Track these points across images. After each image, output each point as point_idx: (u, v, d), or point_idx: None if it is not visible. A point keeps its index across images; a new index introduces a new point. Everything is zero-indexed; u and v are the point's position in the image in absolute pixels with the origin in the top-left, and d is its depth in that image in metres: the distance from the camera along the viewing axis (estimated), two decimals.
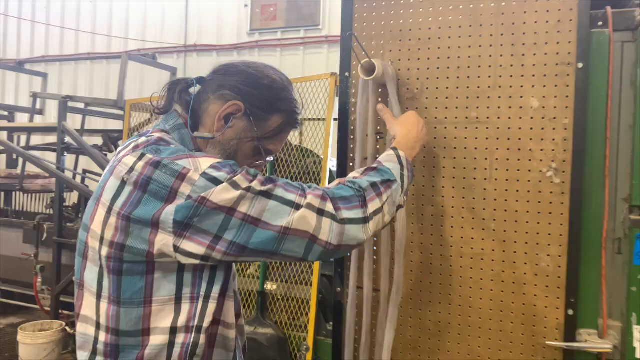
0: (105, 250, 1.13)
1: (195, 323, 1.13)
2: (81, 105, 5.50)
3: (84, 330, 1.22)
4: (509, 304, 1.64)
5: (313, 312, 2.86)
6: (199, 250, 1.08)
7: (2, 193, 6.02)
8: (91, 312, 1.19)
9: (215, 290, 1.16)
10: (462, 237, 1.68)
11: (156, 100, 1.33)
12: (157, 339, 1.13)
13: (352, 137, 1.79)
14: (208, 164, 1.10)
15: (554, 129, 1.57)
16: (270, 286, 3.10)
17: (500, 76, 1.62)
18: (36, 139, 6.16)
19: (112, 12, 8.25)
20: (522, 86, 1.59)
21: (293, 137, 3.31)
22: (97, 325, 1.18)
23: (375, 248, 1.78)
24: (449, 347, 1.72)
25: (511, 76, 1.61)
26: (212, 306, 1.15)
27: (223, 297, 1.18)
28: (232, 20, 7.61)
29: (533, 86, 1.58)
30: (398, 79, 1.73)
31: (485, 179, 1.65)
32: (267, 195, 1.09)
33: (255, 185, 1.09)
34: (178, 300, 1.14)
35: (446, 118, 1.68)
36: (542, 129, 1.58)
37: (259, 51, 7.47)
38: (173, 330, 1.14)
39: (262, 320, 3.00)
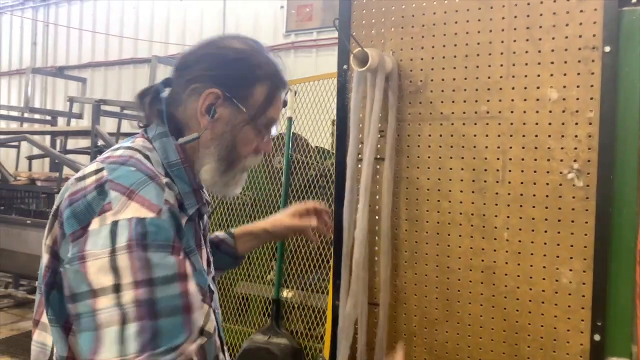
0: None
1: None
2: (117, 109, 5.56)
3: (42, 339, 1.12)
4: (524, 325, 1.43)
5: (329, 322, 2.70)
6: None
7: (45, 195, 6.19)
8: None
9: None
10: (471, 248, 1.49)
11: None
12: None
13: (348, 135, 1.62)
14: (130, 214, 0.93)
15: (576, 123, 1.35)
16: (286, 293, 2.96)
17: (514, 64, 1.42)
18: (76, 143, 6.30)
19: (154, 15, 8.39)
20: (539, 75, 1.39)
21: (312, 138, 3.17)
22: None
23: (377, 258, 1.61)
24: None
25: (526, 64, 1.40)
26: None
27: None
28: (268, 22, 7.57)
29: (552, 75, 1.37)
30: (400, 71, 1.56)
31: (497, 182, 1.45)
32: (121, 317, 0.87)
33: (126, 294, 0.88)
34: None
35: (453, 113, 1.49)
36: (563, 124, 1.37)
37: (294, 52, 7.39)
38: None
39: (277, 329, 2.87)
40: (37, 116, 6.97)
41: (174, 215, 0.97)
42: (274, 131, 1.18)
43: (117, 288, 0.87)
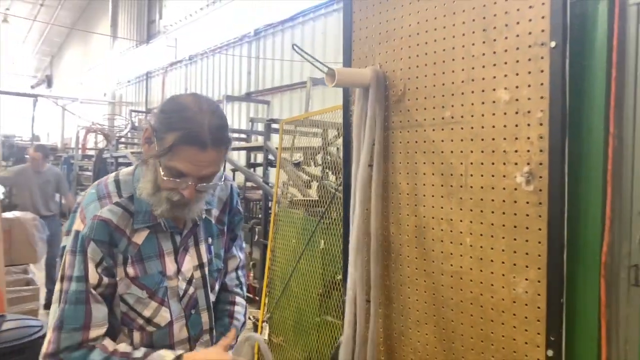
0: None
1: None
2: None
3: None
4: (488, 333, 1.39)
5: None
6: None
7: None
8: None
9: None
10: (442, 252, 1.50)
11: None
12: None
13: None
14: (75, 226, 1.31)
15: (528, 124, 1.29)
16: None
17: (473, 68, 1.40)
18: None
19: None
20: (494, 77, 1.36)
21: None
22: None
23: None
24: None
25: (483, 66, 1.38)
26: None
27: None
28: None
29: (506, 75, 1.33)
30: (386, 82, 1.64)
31: (461, 186, 1.44)
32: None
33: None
34: None
35: (425, 120, 1.53)
36: (516, 125, 1.31)
37: None
38: None
39: None
40: (235, 135, 8.21)
41: (102, 227, 1.28)
42: (184, 182, 1.28)
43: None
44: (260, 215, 6.10)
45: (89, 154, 12.88)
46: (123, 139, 10.75)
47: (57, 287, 1.28)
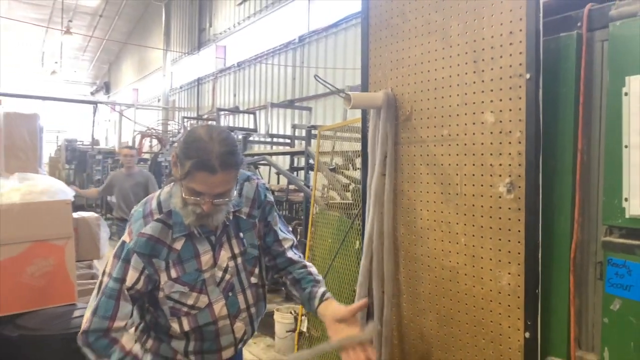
0: None
1: None
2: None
3: None
4: (480, 319, 1.63)
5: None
6: None
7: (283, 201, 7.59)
8: None
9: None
10: (442, 250, 1.75)
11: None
12: None
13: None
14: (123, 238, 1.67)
15: (509, 142, 1.53)
16: None
17: (466, 94, 1.65)
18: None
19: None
20: (482, 102, 1.60)
21: None
22: None
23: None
24: (439, 355, 1.79)
25: (474, 93, 1.62)
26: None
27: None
28: None
29: (491, 101, 1.57)
30: (396, 104, 1.91)
31: (457, 194, 1.69)
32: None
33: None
34: None
35: (427, 136, 1.78)
36: (500, 143, 1.55)
37: None
38: None
39: None
40: (280, 140, 8.62)
41: (144, 243, 1.60)
42: (202, 199, 1.57)
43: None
44: (302, 217, 6.42)
45: (144, 158, 13.59)
46: (176, 144, 11.34)
47: (99, 279, 1.63)
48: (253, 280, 1.81)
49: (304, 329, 4.20)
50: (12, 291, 3.22)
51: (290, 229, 2.09)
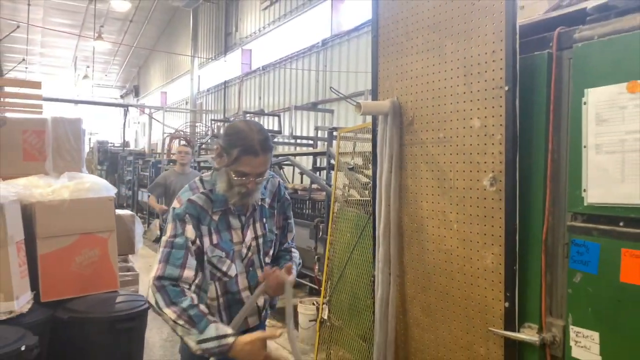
0: None
1: None
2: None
3: None
4: (469, 294, 1.93)
5: None
6: None
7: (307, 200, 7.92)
8: None
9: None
10: (439, 235, 2.05)
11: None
12: None
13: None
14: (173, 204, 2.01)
15: (492, 144, 1.82)
16: None
17: (457, 102, 1.95)
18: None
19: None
20: (471, 109, 1.89)
21: None
22: None
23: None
24: (437, 326, 2.08)
25: (464, 102, 1.92)
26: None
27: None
28: None
29: (478, 109, 1.87)
30: (401, 110, 2.21)
31: (450, 188, 1.98)
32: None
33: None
34: None
35: (427, 139, 2.08)
36: (485, 144, 1.84)
37: None
38: None
39: None
40: (304, 141, 8.98)
41: (192, 206, 1.94)
42: (246, 178, 1.92)
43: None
44: (324, 214, 6.74)
45: (173, 159, 14.10)
46: (204, 145, 11.80)
47: (164, 239, 1.94)
48: (267, 260, 2.15)
49: (325, 317, 4.51)
50: (63, 279, 3.60)
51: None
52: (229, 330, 1.86)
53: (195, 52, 20.41)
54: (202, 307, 1.89)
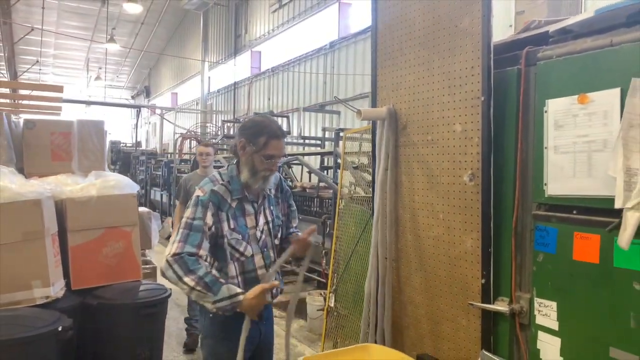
0: None
1: None
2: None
3: None
4: (453, 273, 2.25)
5: None
6: None
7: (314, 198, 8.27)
8: None
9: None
10: (427, 224, 2.37)
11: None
12: None
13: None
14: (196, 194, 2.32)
15: (471, 145, 2.14)
16: None
17: (443, 110, 2.27)
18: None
19: None
20: (454, 116, 2.22)
21: None
22: None
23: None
24: (428, 303, 2.41)
25: (448, 109, 2.24)
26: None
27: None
28: None
29: (460, 115, 2.19)
30: (397, 116, 2.54)
31: (437, 183, 2.31)
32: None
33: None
34: None
35: (418, 141, 2.41)
36: (465, 145, 2.17)
37: None
38: None
39: None
40: (312, 141, 9.33)
41: (214, 195, 2.25)
42: (274, 160, 2.27)
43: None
44: (331, 211, 7.08)
45: (185, 159, 14.49)
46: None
47: (184, 220, 2.25)
48: (276, 242, 2.49)
49: (332, 305, 4.84)
50: (91, 268, 3.94)
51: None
52: (237, 289, 2.19)
53: (205, 53, 20.81)
54: (214, 271, 2.20)
